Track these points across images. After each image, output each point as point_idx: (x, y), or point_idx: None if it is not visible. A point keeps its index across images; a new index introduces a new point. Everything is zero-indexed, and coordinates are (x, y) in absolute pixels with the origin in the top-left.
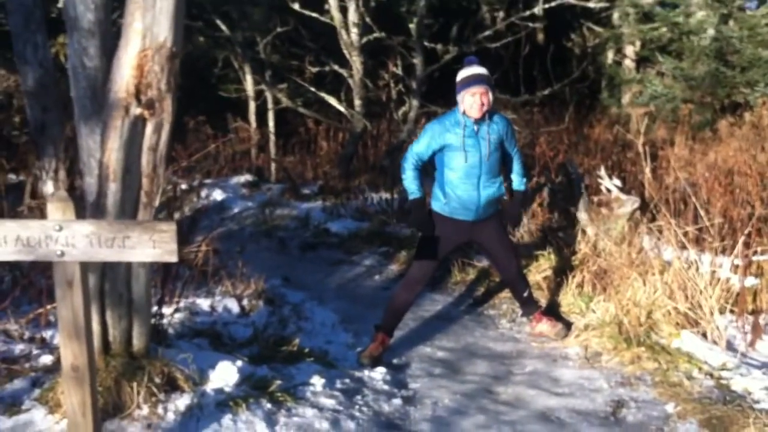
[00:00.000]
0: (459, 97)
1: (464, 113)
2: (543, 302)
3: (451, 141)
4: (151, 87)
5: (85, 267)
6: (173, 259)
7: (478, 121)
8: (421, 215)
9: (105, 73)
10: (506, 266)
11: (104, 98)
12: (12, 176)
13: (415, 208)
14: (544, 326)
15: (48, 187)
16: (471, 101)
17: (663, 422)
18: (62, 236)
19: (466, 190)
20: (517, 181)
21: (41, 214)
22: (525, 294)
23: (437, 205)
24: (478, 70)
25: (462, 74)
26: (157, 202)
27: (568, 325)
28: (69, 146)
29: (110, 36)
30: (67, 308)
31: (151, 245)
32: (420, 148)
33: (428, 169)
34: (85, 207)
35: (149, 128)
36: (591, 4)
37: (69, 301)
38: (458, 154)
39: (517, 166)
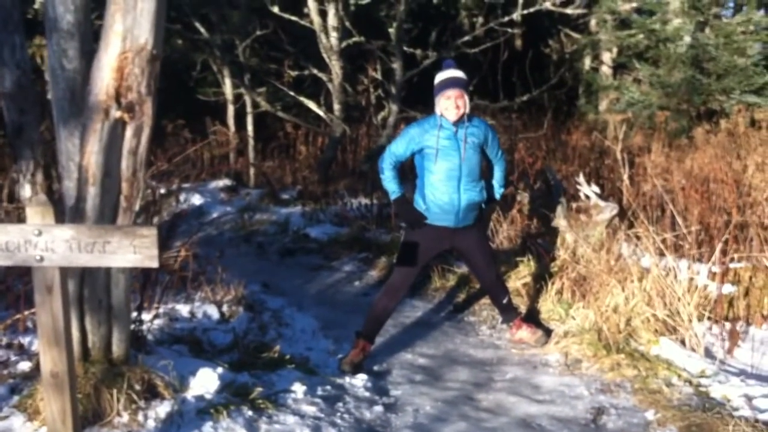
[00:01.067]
0: (436, 100)
1: (442, 115)
2: (522, 309)
3: (430, 143)
4: (131, 90)
5: (65, 272)
6: (154, 264)
7: (456, 123)
8: (407, 210)
9: (84, 76)
10: (485, 273)
11: (83, 101)
12: None
13: (399, 205)
14: (524, 333)
15: (25, 191)
16: (446, 104)
17: (643, 429)
18: (42, 241)
19: (447, 193)
20: (495, 188)
21: (18, 219)
22: (504, 301)
23: (419, 210)
24: (454, 73)
25: (439, 77)
26: (137, 207)
27: (548, 332)
28: (46, 149)
29: (90, 38)
30: (46, 314)
31: (131, 250)
32: (398, 148)
33: (408, 176)
34: (64, 211)
35: (129, 131)
36: (569, 11)
37: (48, 306)
38: (437, 156)
39: (498, 173)
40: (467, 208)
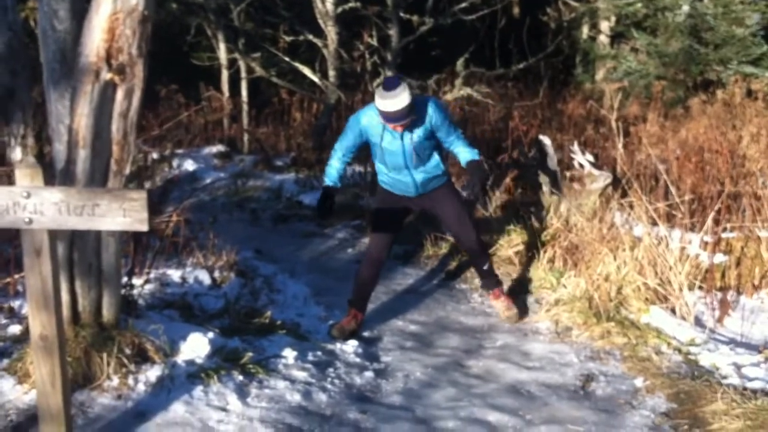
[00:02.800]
0: (377, 113)
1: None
2: (514, 276)
3: (374, 139)
4: (122, 51)
5: (54, 235)
6: (144, 228)
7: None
8: (321, 204)
9: (75, 37)
10: (464, 237)
11: (74, 62)
12: None
13: (321, 194)
14: (499, 304)
15: (16, 154)
16: (392, 125)
17: (632, 396)
18: (30, 203)
19: (399, 179)
20: (468, 154)
21: (9, 181)
22: (484, 267)
23: (380, 177)
24: (395, 105)
25: (379, 105)
26: (127, 171)
27: (524, 311)
28: (37, 112)
29: None
30: (35, 277)
31: (121, 214)
32: (346, 143)
33: None
34: (54, 174)
35: (120, 94)
36: None
37: (37, 269)
38: (381, 151)
39: (460, 143)
40: (425, 181)
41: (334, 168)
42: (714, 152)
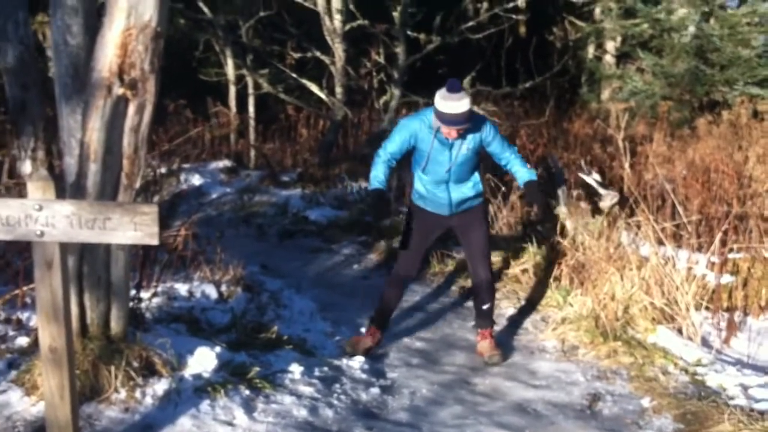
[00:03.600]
0: (435, 116)
1: (439, 129)
2: (520, 294)
3: (422, 145)
4: (135, 67)
5: (65, 248)
6: (154, 242)
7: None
8: (376, 205)
9: (88, 52)
10: (482, 270)
11: (86, 77)
12: None
13: (372, 197)
14: (485, 345)
15: (26, 167)
16: (446, 131)
17: (638, 416)
18: (42, 216)
19: (435, 193)
20: (526, 174)
21: (19, 195)
22: (485, 307)
23: (415, 196)
24: (459, 107)
25: (441, 106)
26: (137, 185)
27: (505, 355)
28: (48, 126)
29: (94, 14)
30: (45, 289)
31: (132, 227)
32: (393, 147)
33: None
34: (65, 188)
35: (131, 109)
36: None
37: (48, 282)
38: (426, 160)
39: (516, 161)
40: (459, 202)
41: (380, 171)
42: (721, 173)
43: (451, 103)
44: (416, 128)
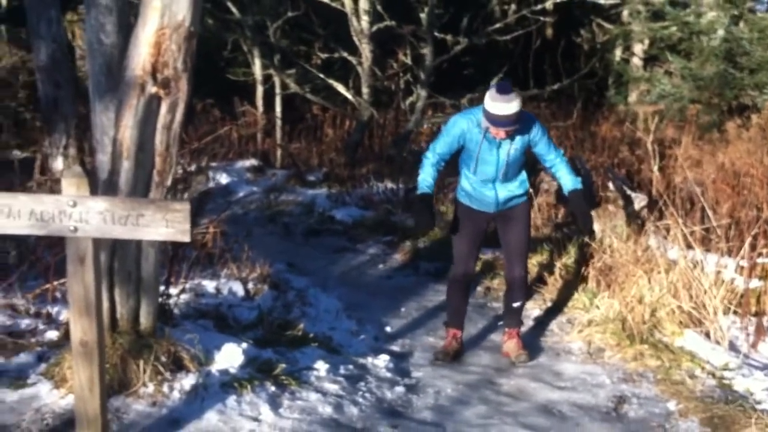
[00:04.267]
0: (484, 116)
1: (488, 129)
2: (546, 296)
3: (470, 145)
4: (168, 66)
5: (98, 244)
6: (186, 239)
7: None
8: (421, 211)
9: (121, 50)
10: (518, 266)
11: (120, 75)
12: (17, 152)
13: (418, 202)
14: (511, 345)
15: (58, 164)
16: (495, 131)
17: (664, 419)
18: (76, 212)
19: (482, 192)
20: (570, 182)
21: (51, 191)
22: (516, 305)
23: (460, 195)
24: (508, 109)
25: (490, 107)
26: (169, 182)
27: (531, 356)
28: (79, 123)
29: (128, 13)
30: (78, 284)
31: (164, 224)
32: (442, 148)
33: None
34: (97, 185)
35: (164, 107)
36: (601, 1)
37: (80, 277)
38: (475, 159)
39: (562, 167)
40: (506, 199)
41: (428, 174)
42: (751, 177)
43: (501, 104)
44: (465, 127)
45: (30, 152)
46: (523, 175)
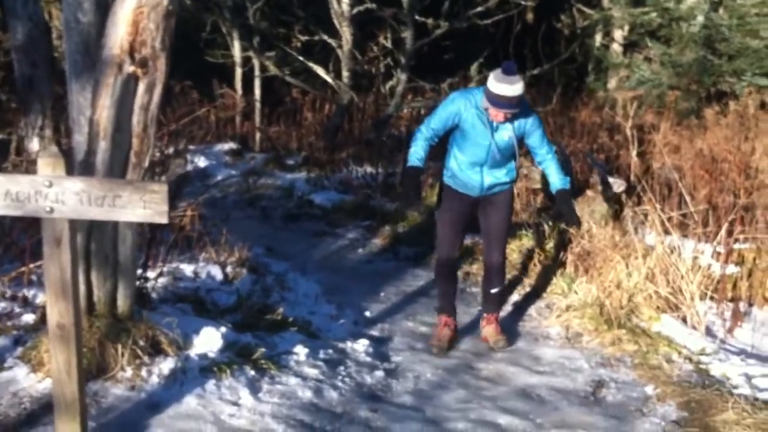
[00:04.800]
0: (485, 97)
1: (486, 110)
2: (524, 281)
3: (466, 126)
4: (146, 45)
5: (74, 225)
6: (164, 220)
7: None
8: (409, 184)
9: (99, 29)
10: (496, 252)
11: (97, 55)
12: None
13: (406, 175)
14: (490, 330)
15: (34, 144)
16: (495, 113)
17: (642, 403)
18: (52, 192)
19: (469, 175)
20: (558, 181)
21: (26, 172)
22: (494, 290)
23: (446, 176)
24: (513, 91)
25: (494, 88)
26: (146, 163)
27: (509, 341)
28: (55, 104)
29: None
30: (54, 266)
31: (141, 205)
32: (436, 123)
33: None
34: (74, 165)
35: (141, 87)
36: None
37: (57, 259)
38: (468, 140)
39: (552, 164)
40: (490, 185)
41: (420, 148)
42: (728, 163)
43: (505, 86)
44: (461, 106)
45: (5, 134)
46: (512, 164)
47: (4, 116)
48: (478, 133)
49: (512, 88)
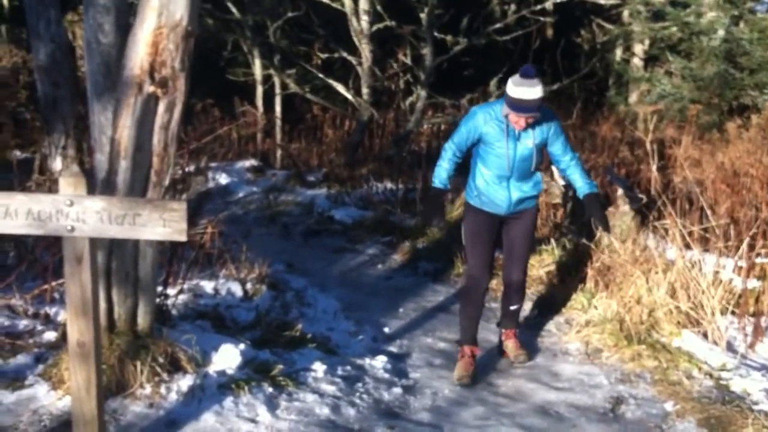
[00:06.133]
0: (505, 101)
1: (507, 116)
2: (544, 296)
3: (489, 138)
4: (165, 65)
5: (95, 243)
6: (182, 238)
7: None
8: (432, 205)
9: (119, 50)
10: (518, 269)
11: (118, 75)
12: (17, 152)
13: (431, 196)
14: (511, 344)
15: (56, 164)
16: (515, 119)
17: (662, 420)
18: (73, 211)
19: (496, 190)
20: (585, 186)
21: (49, 191)
22: (513, 307)
23: (470, 195)
24: (532, 94)
25: (513, 92)
26: (166, 182)
27: (531, 355)
28: (78, 123)
29: (126, 12)
30: (75, 284)
31: (161, 224)
32: (459, 138)
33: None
34: (95, 184)
35: (161, 107)
36: (602, 1)
37: (77, 277)
38: (492, 153)
39: (577, 169)
40: (518, 201)
41: (444, 169)
42: (750, 177)
43: (524, 89)
44: (482, 119)
45: (29, 152)
46: (538, 176)
47: (29, 135)
48: (501, 143)
49: (532, 90)
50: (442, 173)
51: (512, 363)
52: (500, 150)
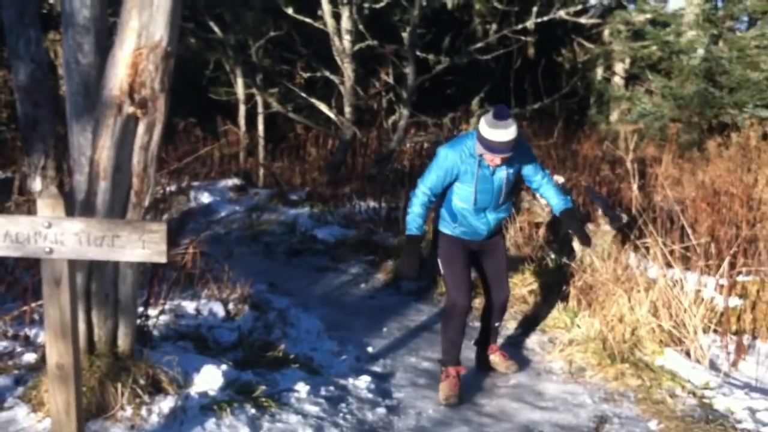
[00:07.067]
0: (479, 142)
1: (481, 156)
2: (527, 315)
3: (465, 177)
4: (145, 86)
5: (74, 265)
6: (162, 259)
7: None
8: (410, 255)
9: (99, 71)
10: (500, 293)
11: (97, 96)
12: None
13: (408, 244)
14: (497, 358)
15: (36, 184)
16: (491, 158)
17: None
18: (51, 233)
19: (475, 220)
20: (560, 202)
21: (28, 211)
22: (497, 324)
23: (445, 225)
24: (506, 135)
25: (488, 134)
26: (146, 203)
27: (518, 364)
28: (58, 143)
29: (105, 33)
30: (54, 306)
31: (140, 245)
32: (432, 182)
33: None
34: (74, 205)
35: (141, 127)
36: (582, 20)
37: (56, 299)
38: (469, 190)
39: (549, 188)
40: (494, 225)
41: (418, 215)
42: (730, 195)
43: (499, 131)
44: (458, 160)
45: (9, 172)
46: (511, 200)
47: (8, 155)
48: (481, 180)
49: (506, 132)
50: (417, 219)
51: (495, 383)
52: (479, 185)
